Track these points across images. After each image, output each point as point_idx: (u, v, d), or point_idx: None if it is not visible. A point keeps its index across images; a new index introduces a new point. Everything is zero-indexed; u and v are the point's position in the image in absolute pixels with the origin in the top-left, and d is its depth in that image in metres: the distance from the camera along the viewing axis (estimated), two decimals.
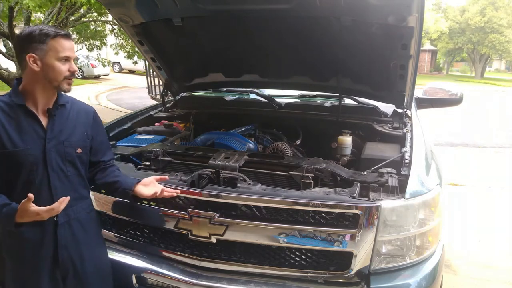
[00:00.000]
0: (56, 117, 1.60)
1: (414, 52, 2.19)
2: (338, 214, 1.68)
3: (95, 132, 1.75)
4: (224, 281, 1.80)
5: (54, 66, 1.51)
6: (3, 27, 7.29)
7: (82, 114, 1.72)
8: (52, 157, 1.56)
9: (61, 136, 1.59)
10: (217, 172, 1.94)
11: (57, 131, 1.59)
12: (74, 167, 1.64)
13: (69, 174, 1.62)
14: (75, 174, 1.65)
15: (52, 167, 1.56)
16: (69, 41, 1.55)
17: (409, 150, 2.08)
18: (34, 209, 1.41)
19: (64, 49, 1.52)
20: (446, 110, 3.97)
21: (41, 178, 1.55)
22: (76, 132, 1.65)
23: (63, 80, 1.54)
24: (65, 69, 1.53)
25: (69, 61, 1.54)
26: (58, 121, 1.60)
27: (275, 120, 2.98)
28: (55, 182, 1.57)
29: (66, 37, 1.54)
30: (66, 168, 1.61)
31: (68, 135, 1.62)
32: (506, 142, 8.56)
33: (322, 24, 2.28)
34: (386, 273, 1.75)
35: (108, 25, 9.82)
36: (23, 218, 1.44)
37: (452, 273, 3.16)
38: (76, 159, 1.64)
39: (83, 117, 1.71)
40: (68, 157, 1.61)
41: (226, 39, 2.75)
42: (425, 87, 3.73)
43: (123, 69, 24.17)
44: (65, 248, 1.62)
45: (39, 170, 1.54)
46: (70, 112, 1.67)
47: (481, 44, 30.42)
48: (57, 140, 1.58)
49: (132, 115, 3.02)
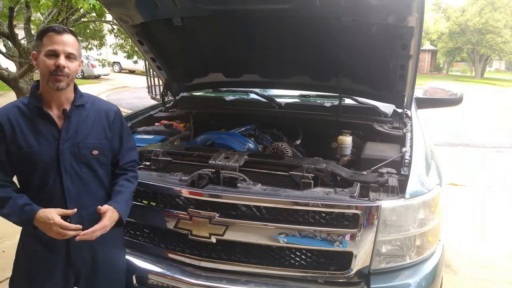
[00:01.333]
0: (73, 118, 1.59)
1: (414, 52, 2.19)
2: (338, 214, 1.68)
3: (115, 132, 1.72)
4: (224, 281, 1.79)
5: (42, 61, 1.51)
6: (3, 27, 7.28)
7: (102, 114, 1.68)
8: (66, 158, 1.55)
9: (76, 138, 1.58)
10: (217, 172, 1.94)
11: (72, 132, 1.57)
12: (90, 169, 1.62)
13: (83, 176, 1.60)
14: (90, 175, 1.63)
15: (65, 168, 1.55)
16: (61, 36, 1.50)
17: (409, 150, 2.08)
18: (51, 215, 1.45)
19: (52, 43, 1.49)
20: (446, 110, 3.97)
21: (54, 179, 1.55)
22: (93, 133, 1.63)
23: (50, 76, 1.50)
24: (50, 64, 1.49)
25: (57, 56, 1.49)
26: (74, 122, 1.59)
27: (275, 120, 2.97)
28: (67, 183, 1.56)
29: (57, 32, 1.50)
30: (81, 169, 1.59)
31: (84, 136, 1.60)
32: (506, 142, 8.56)
33: (322, 24, 2.28)
34: (386, 273, 1.75)
35: (108, 25, 9.81)
36: (38, 222, 1.47)
37: (452, 273, 3.16)
38: (93, 160, 1.62)
39: (102, 117, 1.68)
40: (83, 158, 1.59)
41: (226, 39, 2.75)
42: (425, 87, 3.72)
43: (123, 69, 24.18)
44: (78, 249, 1.62)
45: (52, 171, 1.54)
46: (90, 112, 1.64)
47: (480, 44, 30.48)
48: (71, 142, 1.57)
49: (132, 115, 3.03)
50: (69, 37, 1.53)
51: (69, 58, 1.53)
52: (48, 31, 1.51)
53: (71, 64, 1.53)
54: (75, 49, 1.55)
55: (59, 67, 1.49)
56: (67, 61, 1.51)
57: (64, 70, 1.50)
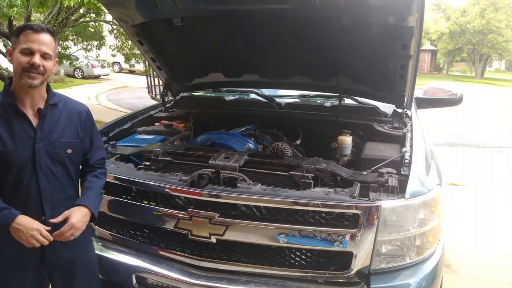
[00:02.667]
0: (47, 117, 1.58)
1: (414, 52, 2.19)
2: (338, 214, 1.68)
3: (86, 132, 1.73)
4: (224, 281, 1.79)
5: (16, 58, 1.49)
6: (3, 27, 7.28)
7: (74, 113, 1.69)
8: (41, 157, 1.55)
9: (51, 137, 1.58)
10: (217, 172, 1.94)
11: (47, 131, 1.57)
12: (64, 167, 1.63)
13: (58, 175, 1.60)
14: (64, 174, 1.63)
15: (41, 168, 1.55)
16: (38, 35, 1.49)
17: (409, 150, 2.08)
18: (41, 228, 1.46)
19: (28, 41, 1.48)
20: (446, 110, 3.97)
21: (30, 178, 1.54)
22: (66, 133, 1.63)
23: (22, 73, 1.48)
24: (24, 61, 1.47)
25: (33, 54, 1.48)
26: (48, 121, 1.58)
27: (275, 120, 2.97)
28: (43, 183, 1.56)
29: (34, 30, 1.49)
30: (55, 168, 1.59)
31: (59, 135, 1.60)
32: (506, 142, 8.55)
33: (322, 24, 2.28)
34: (386, 273, 1.75)
35: (108, 25, 9.80)
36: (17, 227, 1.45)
37: (452, 273, 3.16)
38: (66, 159, 1.63)
39: (74, 117, 1.68)
40: (58, 157, 1.60)
41: (226, 39, 2.75)
42: (425, 87, 3.72)
43: (123, 69, 24.18)
44: (52, 247, 1.59)
45: (27, 171, 1.53)
46: (62, 111, 1.64)
47: (481, 44, 30.49)
48: (47, 141, 1.57)
49: (132, 115, 3.02)
50: (46, 37, 1.52)
51: (44, 58, 1.52)
52: (26, 29, 1.50)
53: (46, 63, 1.52)
54: (51, 49, 1.54)
55: (34, 65, 1.48)
56: (42, 60, 1.50)
57: (39, 68, 1.49)
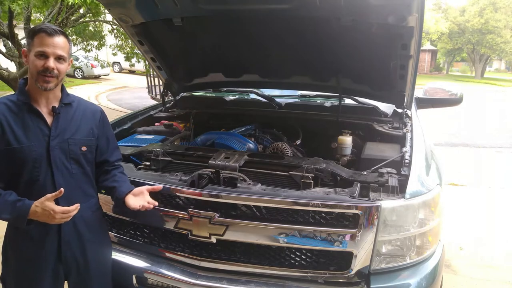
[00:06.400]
0: (61, 115, 1.61)
1: (414, 52, 2.19)
2: (338, 214, 1.68)
3: (102, 132, 1.75)
4: (224, 281, 1.80)
5: (31, 61, 1.52)
6: (3, 27, 7.28)
7: (89, 113, 1.72)
8: (56, 154, 1.56)
9: (65, 134, 1.60)
10: (217, 172, 1.94)
11: (61, 129, 1.59)
12: (79, 165, 1.64)
13: (73, 172, 1.62)
14: (80, 172, 1.65)
15: (56, 165, 1.57)
16: (52, 38, 1.51)
17: (409, 150, 2.08)
18: (51, 206, 1.44)
19: (42, 44, 1.50)
20: (446, 110, 3.97)
21: (45, 175, 1.55)
22: (81, 130, 1.65)
23: (38, 76, 1.50)
24: (39, 64, 1.50)
25: (47, 57, 1.50)
26: (63, 119, 1.61)
27: (275, 120, 2.98)
28: (59, 180, 1.57)
29: (48, 34, 1.51)
30: (71, 165, 1.61)
31: (73, 133, 1.62)
32: (506, 142, 8.55)
33: (322, 24, 2.28)
34: (386, 273, 1.75)
35: (108, 25, 9.80)
36: (37, 215, 1.46)
37: (452, 273, 3.16)
38: (81, 156, 1.64)
39: (89, 116, 1.71)
40: (72, 154, 1.61)
41: (226, 39, 2.75)
42: (425, 87, 3.73)
43: (123, 69, 24.17)
44: (69, 245, 1.63)
45: (42, 167, 1.55)
46: (76, 110, 1.67)
47: (480, 44, 30.48)
48: (61, 138, 1.58)
49: (132, 115, 3.03)
50: (60, 39, 1.53)
51: (59, 60, 1.53)
52: (40, 32, 1.51)
53: (60, 66, 1.54)
54: (66, 51, 1.55)
55: (48, 69, 1.50)
56: (56, 63, 1.52)
57: (54, 71, 1.51)
